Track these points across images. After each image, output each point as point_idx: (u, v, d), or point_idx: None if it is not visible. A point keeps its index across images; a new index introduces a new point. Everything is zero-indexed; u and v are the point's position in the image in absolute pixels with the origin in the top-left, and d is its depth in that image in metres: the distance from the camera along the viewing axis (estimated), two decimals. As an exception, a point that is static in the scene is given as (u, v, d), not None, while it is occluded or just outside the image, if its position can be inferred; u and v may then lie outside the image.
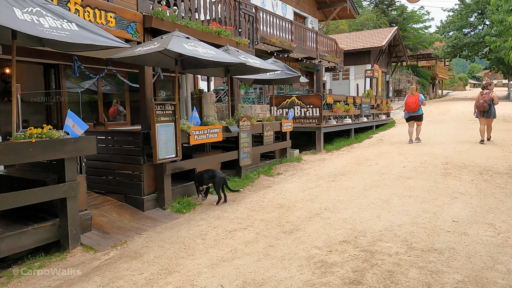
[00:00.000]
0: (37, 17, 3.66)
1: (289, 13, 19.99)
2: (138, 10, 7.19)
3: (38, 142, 4.00)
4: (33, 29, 3.49)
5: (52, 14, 3.84)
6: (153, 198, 5.90)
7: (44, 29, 3.59)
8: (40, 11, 3.76)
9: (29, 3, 3.74)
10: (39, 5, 3.82)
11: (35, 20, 3.59)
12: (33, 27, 3.50)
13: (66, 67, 8.16)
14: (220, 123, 7.01)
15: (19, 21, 3.43)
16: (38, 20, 3.63)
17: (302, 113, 11.66)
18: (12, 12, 3.43)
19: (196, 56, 5.64)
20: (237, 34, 10.29)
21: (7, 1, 3.50)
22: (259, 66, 7.44)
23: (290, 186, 7.12)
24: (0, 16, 3.28)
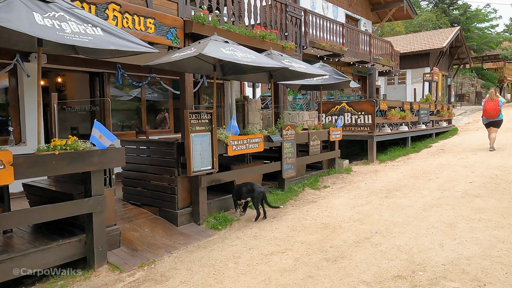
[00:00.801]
0: (59, 22, 3.43)
1: (341, 15, 19.19)
2: (179, 15, 6.97)
3: (62, 154, 3.77)
4: (53, 34, 3.25)
5: (76, 19, 3.61)
6: (187, 213, 5.56)
7: (66, 35, 3.35)
8: (63, 16, 3.54)
9: (52, 8, 3.53)
10: (63, 10, 3.60)
11: (56, 25, 3.37)
12: (53, 33, 3.27)
13: (110, 75, 8.17)
14: (261, 133, 6.55)
15: (39, 27, 3.21)
16: (60, 25, 3.40)
17: (353, 121, 10.89)
18: (31, 17, 3.22)
19: (234, 61, 5.24)
20: (283, 38, 9.83)
21: (27, 6, 3.31)
22: (304, 71, 6.90)
23: (337, 202, 6.47)
24: (16, 22, 3.06)
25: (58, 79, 10.47)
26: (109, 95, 8.12)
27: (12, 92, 6.65)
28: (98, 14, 5.64)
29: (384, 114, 11.50)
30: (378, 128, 11.51)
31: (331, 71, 8.40)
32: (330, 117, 11.21)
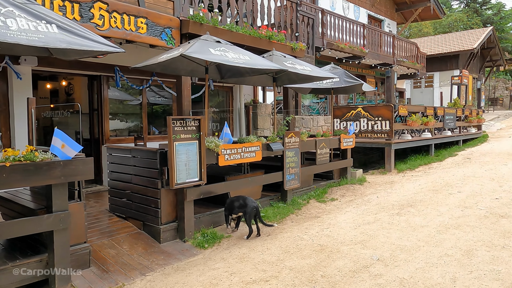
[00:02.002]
0: (4, 18, 3.04)
1: (363, 16, 18.39)
2: (175, 14, 6.56)
3: (15, 167, 3.37)
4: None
5: (28, 15, 3.21)
6: (172, 228, 5.08)
7: (9, 32, 2.95)
8: (12, 11, 3.15)
9: (1, 2, 3.15)
10: (14, 5, 3.21)
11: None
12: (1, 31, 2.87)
13: (109, 78, 7.85)
14: (259, 140, 6.01)
15: (-27, 23, 2.81)
16: (4, 22, 3.00)
17: (369, 127, 10.17)
18: (-34, 12, 2.83)
19: (222, 62, 4.77)
20: (294, 38, 9.27)
21: (-35, -1, 2.93)
22: (308, 74, 6.33)
23: (342, 218, 5.83)
24: None
25: (62, 83, 10.32)
26: (107, 99, 7.79)
27: (1, 96, 6.40)
28: (83, 14, 5.30)
29: (404, 120, 10.70)
30: (398, 135, 10.72)
31: (341, 73, 7.77)
32: (345, 123, 10.53)
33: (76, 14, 5.22)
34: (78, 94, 10.43)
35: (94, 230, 5.09)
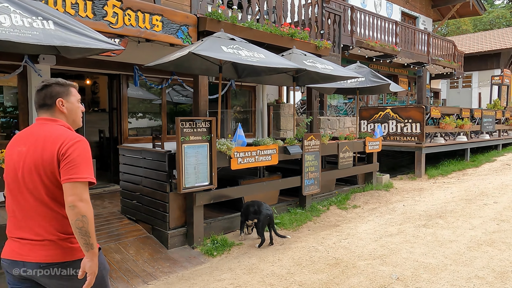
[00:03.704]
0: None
1: (396, 13, 17.63)
2: (192, 11, 6.36)
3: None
4: (-20, 28, 2.73)
5: (24, 11, 3.08)
6: (180, 234, 4.88)
7: (1, 29, 2.81)
8: (7, 7, 3.02)
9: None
10: (10, 1, 3.09)
11: (-9, 18, 2.85)
12: None
13: (129, 77, 7.79)
14: (275, 143, 5.71)
15: (-37, 19, 2.69)
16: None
17: (398, 129, 9.62)
18: (-44, 8, 2.72)
19: (234, 60, 4.53)
20: (319, 36, 8.89)
21: (-44, -5, 2.82)
22: (330, 73, 5.96)
23: (363, 228, 5.44)
24: None
25: (87, 82, 10.43)
26: (126, 98, 7.73)
27: (21, 95, 6.45)
28: (96, 11, 5.19)
29: (437, 122, 10.06)
30: (429, 138, 10.10)
31: (367, 73, 7.32)
32: (373, 125, 10.02)
33: (89, 12, 5.11)
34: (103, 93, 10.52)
35: (102, 232, 4.98)
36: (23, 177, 1.89)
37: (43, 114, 2.01)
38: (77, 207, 1.79)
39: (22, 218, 1.90)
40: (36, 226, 1.88)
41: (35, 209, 1.89)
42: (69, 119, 2.05)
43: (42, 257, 1.86)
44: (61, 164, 1.84)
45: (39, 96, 2.01)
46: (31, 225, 1.89)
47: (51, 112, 2.00)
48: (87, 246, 1.82)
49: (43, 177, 1.86)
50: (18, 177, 1.90)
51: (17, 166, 1.91)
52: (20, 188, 1.90)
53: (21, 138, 1.98)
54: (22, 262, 1.87)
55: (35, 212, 1.89)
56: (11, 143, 2.01)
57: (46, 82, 2.02)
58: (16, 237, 1.91)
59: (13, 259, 1.89)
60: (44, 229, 1.88)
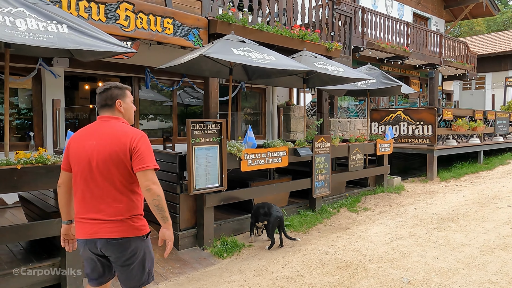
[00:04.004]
0: (14, 18, 2.98)
1: (407, 14, 17.49)
2: (203, 14, 6.41)
3: (26, 169, 3.33)
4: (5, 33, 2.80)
5: (39, 15, 3.15)
6: (191, 235, 4.91)
7: (16, 33, 2.88)
8: (23, 11, 3.09)
9: (11, 2, 3.10)
10: (25, 5, 3.16)
11: (8, 22, 2.92)
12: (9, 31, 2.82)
13: (140, 79, 7.88)
14: (285, 145, 5.71)
15: (-20, 23, 2.76)
16: (13, 22, 2.94)
17: (409, 131, 9.53)
18: (-26, 13, 2.79)
19: (245, 62, 4.55)
20: (329, 38, 8.87)
21: (-26, 0, 2.89)
22: (341, 75, 5.95)
23: (374, 230, 5.40)
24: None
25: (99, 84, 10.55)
26: (137, 100, 7.81)
27: (35, 97, 6.57)
28: (108, 15, 5.27)
29: (449, 124, 9.94)
30: (441, 140, 9.99)
31: (378, 74, 7.28)
32: (384, 127, 9.95)
33: (101, 15, 5.19)
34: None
35: (114, 233, 5.03)
36: (97, 165, 2.23)
37: (105, 113, 2.38)
38: (152, 190, 2.20)
39: (93, 201, 2.25)
40: (106, 207, 2.24)
41: (107, 193, 2.24)
42: (125, 117, 2.43)
43: (110, 233, 2.23)
44: (133, 157, 2.22)
45: (101, 97, 2.39)
46: (102, 207, 2.24)
47: (111, 111, 2.38)
48: (164, 219, 2.27)
49: (117, 165, 2.23)
50: (93, 166, 2.24)
51: (91, 157, 2.24)
52: (93, 175, 2.24)
53: (88, 133, 2.33)
54: (94, 239, 2.25)
55: (107, 196, 2.24)
56: (77, 138, 2.35)
57: (107, 86, 2.41)
58: (86, 218, 2.27)
59: (86, 238, 2.27)
60: (113, 210, 2.24)
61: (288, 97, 11.73)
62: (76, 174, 2.31)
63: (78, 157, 2.29)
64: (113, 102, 2.37)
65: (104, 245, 2.25)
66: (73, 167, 2.33)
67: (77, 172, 2.30)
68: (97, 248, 2.27)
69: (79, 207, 2.30)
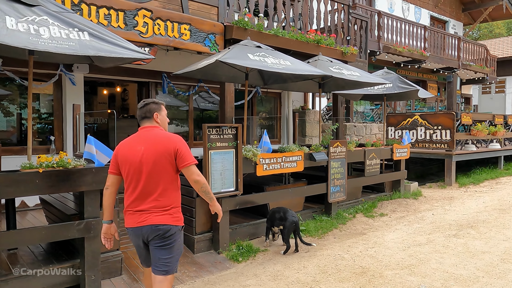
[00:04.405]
0: (38, 26, 3.08)
1: (424, 17, 17.30)
2: (219, 20, 6.48)
3: (47, 173, 3.42)
4: (21, 40, 2.88)
5: (61, 23, 3.24)
6: (206, 239, 4.95)
7: (40, 40, 2.97)
8: (46, 19, 3.18)
9: (35, 11, 3.20)
10: (48, 13, 3.26)
11: (32, 30, 3.01)
12: (23, 38, 2.91)
13: (157, 84, 8.00)
14: (301, 150, 5.71)
15: (6, 31, 2.86)
16: (37, 30, 3.04)
17: (427, 136, 9.40)
18: (1, 22, 2.89)
19: (261, 68, 4.59)
20: (345, 42, 8.84)
21: (1, 10, 3.00)
22: (356, 79, 5.93)
23: (390, 236, 5.34)
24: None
25: (117, 89, 10.77)
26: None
27: (56, 102, 6.73)
28: (127, 21, 5.38)
29: (468, 129, 9.77)
30: (460, 145, 9.82)
31: (394, 79, 7.22)
32: (400, 131, 9.83)
33: (120, 22, 5.31)
34: (133, 100, 10.83)
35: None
36: (147, 167, 2.70)
37: (145, 123, 2.87)
38: (199, 180, 2.76)
39: (143, 196, 2.71)
40: (153, 201, 2.71)
41: (154, 189, 2.71)
42: (161, 126, 2.91)
43: (155, 221, 2.68)
44: (177, 158, 2.72)
45: (142, 111, 2.88)
46: (150, 201, 2.71)
47: (150, 122, 2.86)
48: (211, 199, 2.89)
49: (164, 166, 2.71)
50: (143, 167, 2.70)
51: (142, 160, 2.71)
52: (143, 175, 2.70)
53: (135, 141, 2.81)
54: (141, 227, 2.70)
55: (154, 191, 2.71)
56: (126, 145, 2.83)
57: (146, 101, 2.91)
58: (137, 210, 2.73)
59: (135, 226, 2.72)
60: (159, 203, 2.71)
61: (303, 102, 11.73)
62: (128, 174, 2.75)
63: (130, 160, 2.74)
64: (152, 114, 2.86)
65: (149, 230, 2.69)
66: (124, 169, 2.77)
67: (129, 173, 2.75)
68: (143, 234, 2.72)
69: (130, 201, 2.76)
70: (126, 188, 2.79)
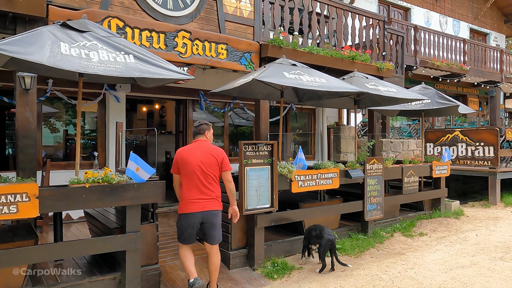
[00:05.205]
0: (88, 51, 3.30)
1: (463, 30, 16.84)
2: (254, 39, 6.65)
3: (93, 188, 3.60)
4: (74, 64, 3.10)
5: (109, 47, 3.46)
6: (242, 255, 4.98)
7: (90, 64, 3.19)
8: (95, 44, 3.41)
9: (86, 37, 3.45)
10: (98, 38, 3.49)
11: (83, 55, 3.23)
12: (75, 62, 3.12)
13: (194, 102, 8.23)
14: (336, 167, 5.66)
15: (61, 57, 3.09)
16: (87, 54, 3.26)
17: (468, 153, 9.05)
18: (55, 48, 3.13)
19: (296, 85, 4.65)
20: (380, 58, 8.77)
21: (56, 36, 3.25)
22: (393, 95, 5.85)
23: (431, 257, 5.15)
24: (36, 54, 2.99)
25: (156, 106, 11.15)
26: (191, 121, 8.14)
27: (100, 119, 7.08)
28: (167, 43, 5.64)
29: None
30: (505, 162, 9.36)
31: (433, 94, 7.05)
32: (440, 148, 9.53)
33: (161, 44, 5.57)
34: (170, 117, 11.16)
35: (168, 250, 5.23)
36: (203, 168, 3.80)
37: (199, 138, 4.00)
38: (231, 181, 3.96)
39: (201, 189, 3.80)
40: (208, 192, 3.83)
41: (208, 184, 3.82)
42: (209, 141, 4.04)
43: (211, 207, 3.84)
44: (222, 164, 3.91)
45: (197, 129, 4.02)
46: (206, 192, 3.81)
47: (202, 137, 4.00)
48: (233, 200, 4.01)
49: (214, 168, 3.85)
50: (201, 168, 3.79)
51: (199, 163, 3.80)
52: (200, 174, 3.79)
53: (192, 149, 3.90)
54: (201, 211, 3.79)
55: (208, 185, 3.82)
56: (185, 152, 3.89)
57: (201, 122, 4.07)
58: (197, 199, 3.80)
59: (197, 211, 3.79)
60: (211, 194, 3.85)
61: (337, 117, 11.65)
62: (189, 173, 3.80)
63: (190, 163, 3.80)
64: (204, 132, 4.02)
65: (207, 214, 3.81)
66: (185, 170, 3.82)
67: (189, 172, 3.80)
68: (202, 217, 3.80)
69: (191, 193, 3.81)
70: (187, 184, 3.80)
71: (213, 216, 3.84)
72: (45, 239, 5.17)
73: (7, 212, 3.16)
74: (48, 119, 6.95)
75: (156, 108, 11.46)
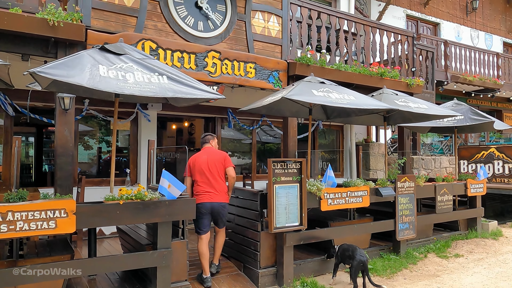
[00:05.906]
0: (125, 72, 3.45)
1: (496, 44, 16.41)
2: (282, 58, 6.72)
3: (127, 204, 3.70)
4: (111, 85, 3.25)
5: (144, 68, 3.60)
6: (271, 273, 4.93)
7: (126, 85, 3.33)
8: (131, 66, 3.56)
9: (123, 59, 3.61)
10: (133, 61, 3.65)
11: (120, 76, 3.38)
12: (113, 84, 3.27)
13: (223, 119, 8.36)
14: (366, 184, 5.57)
15: (100, 79, 3.24)
16: (124, 76, 3.41)
17: (505, 170, 8.70)
18: (95, 70, 3.29)
19: (325, 103, 4.66)
20: (410, 74, 8.65)
21: (95, 59, 3.42)
22: (424, 112, 5.74)
23: (468, 280, 4.93)
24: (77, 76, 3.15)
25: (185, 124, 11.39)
26: (220, 138, 8.25)
27: (132, 137, 7.30)
28: (198, 63, 5.79)
29: (554, 163, 8.87)
30: (546, 180, 8.91)
31: (466, 110, 6.86)
32: (474, 165, 9.21)
33: (192, 64, 5.72)
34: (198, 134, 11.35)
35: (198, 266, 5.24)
36: (210, 167, 4.66)
37: (206, 146, 4.91)
38: (234, 177, 4.79)
39: (211, 184, 4.63)
40: (216, 186, 4.65)
41: (215, 180, 4.65)
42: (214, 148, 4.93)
43: (219, 200, 4.64)
44: (225, 162, 4.74)
45: (203, 139, 4.99)
46: (214, 186, 4.64)
47: (208, 144, 4.92)
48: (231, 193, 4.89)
49: (219, 167, 4.70)
50: (209, 168, 4.65)
51: (207, 163, 4.67)
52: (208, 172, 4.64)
53: (201, 154, 4.79)
54: (212, 202, 4.60)
55: (216, 181, 4.65)
56: (196, 158, 4.77)
57: (206, 134, 5.06)
58: (208, 192, 4.61)
59: (209, 201, 4.59)
60: (219, 188, 4.66)
61: (366, 134, 11.49)
62: (199, 171, 4.67)
63: (199, 164, 4.68)
64: (209, 141, 4.96)
65: (217, 205, 4.62)
66: (195, 169, 4.70)
67: (199, 170, 4.67)
68: (212, 207, 4.60)
69: (203, 187, 4.63)
70: (199, 180, 4.65)
71: (220, 207, 4.63)
72: (79, 254, 5.31)
73: (46, 228, 3.29)
74: (83, 137, 7.22)
75: (185, 126, 11.69)
